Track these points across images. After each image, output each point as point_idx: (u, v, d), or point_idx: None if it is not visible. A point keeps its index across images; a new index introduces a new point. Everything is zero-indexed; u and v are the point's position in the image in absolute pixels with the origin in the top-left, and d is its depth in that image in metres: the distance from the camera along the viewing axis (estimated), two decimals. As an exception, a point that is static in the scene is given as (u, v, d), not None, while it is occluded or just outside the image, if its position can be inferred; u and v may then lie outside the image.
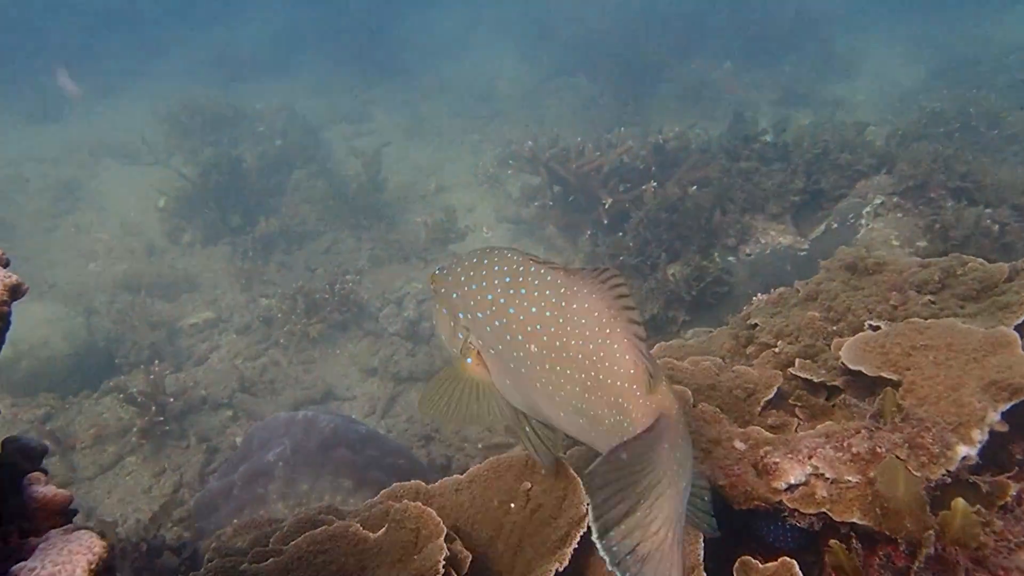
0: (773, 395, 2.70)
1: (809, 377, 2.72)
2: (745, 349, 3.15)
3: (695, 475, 1.75)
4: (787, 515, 2.22)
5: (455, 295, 2.00)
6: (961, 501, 1.92)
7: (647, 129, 9.26)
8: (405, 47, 18.23)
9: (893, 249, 5.56)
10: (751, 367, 2.95)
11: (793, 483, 2.21)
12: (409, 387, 6.18)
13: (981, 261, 3.02)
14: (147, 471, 5.50)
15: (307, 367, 6.63)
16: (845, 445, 2.22)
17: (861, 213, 5.99)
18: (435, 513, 2.32)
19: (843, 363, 2.60)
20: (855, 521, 2.08)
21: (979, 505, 1.99)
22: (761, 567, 2.13)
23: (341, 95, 15.34)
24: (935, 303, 2.91)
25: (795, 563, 2.03)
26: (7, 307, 1.51)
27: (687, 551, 2.16)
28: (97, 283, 8.57)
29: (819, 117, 10.49)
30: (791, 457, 2.25)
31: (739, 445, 2.43)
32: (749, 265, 6.14)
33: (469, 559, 2.27)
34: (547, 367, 1.80)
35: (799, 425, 2.66)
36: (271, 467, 4.27)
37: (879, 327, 2.74)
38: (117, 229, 9.98)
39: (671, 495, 1.53)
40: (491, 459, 2.64)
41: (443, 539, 2.26)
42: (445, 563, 2.16)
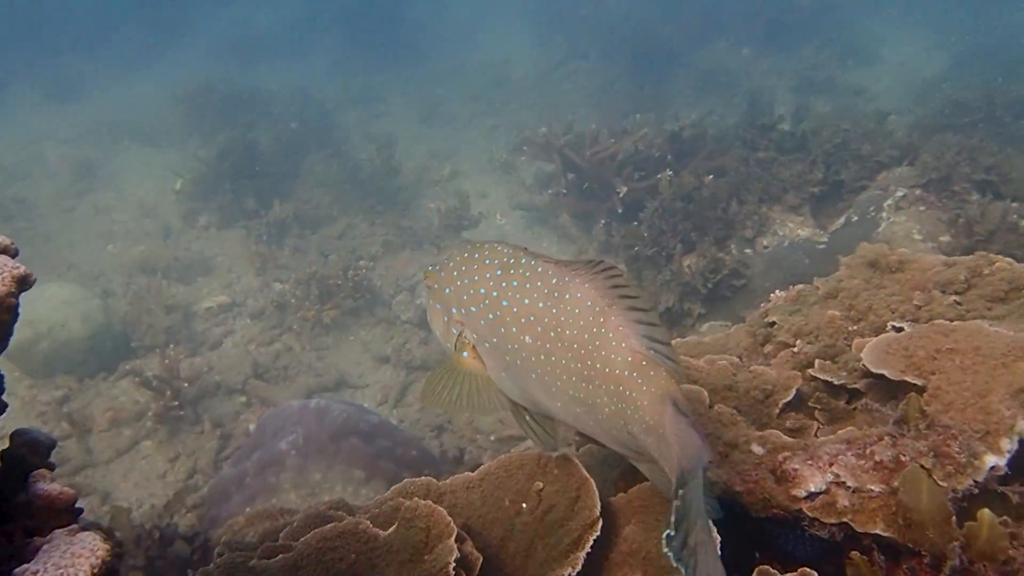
0: (792, 397, 2.64)
1: (829, 379, 2.66)
2: (762, 348, 3.09)
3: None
4: (807, 524, 2.17)
5: (448, 290, 2.00)
6: (988, 512, 1.87)
7: (662, 116, 9.14)
8: (420, 29, 18.14)
9: (915, 244, 5.46)
10: (769, 367, 2.89)
11: (813, 491, 2.16)
12: (422, 376, 6.16)
13: (1009, 260, 2.94)
14: (162, 456, 5.52)
15: (320, 354, 6.62)
16: (867, 452, 2.17)
17: (882, 206, 5.88)
18: (446, 512, 2.28)
19: (865, 366, 2.54)
20: (878, 532, 2.03)
21: (1007, 517, 1.93)
22: (779, 578, 2.08)
23: (356, 78, 15.26)
24: (961, 304, 2.84)
25: (815, 574, 1.98)
26: (15, 299, 1.48)
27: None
28: (114, 265, 8.60)
29: (839, 105, 10.34)
30: (811, 464, 2.20)
31: (757, 449, 2.38)
32: (766, 258, 6.06)
33: (480, 561, 2.23)
34: (542, 358, 1.80)
35: (818, 429, 2.60)
36: (283, 456, 4.26)
37: (902, 328, 2.68)
38: (134, 210, 10.01)
39: (695, 484, 1.52)
40: (502, 457, 2.60)
41: (454, 539, 2.23)
42: (456, 565, 2.13)
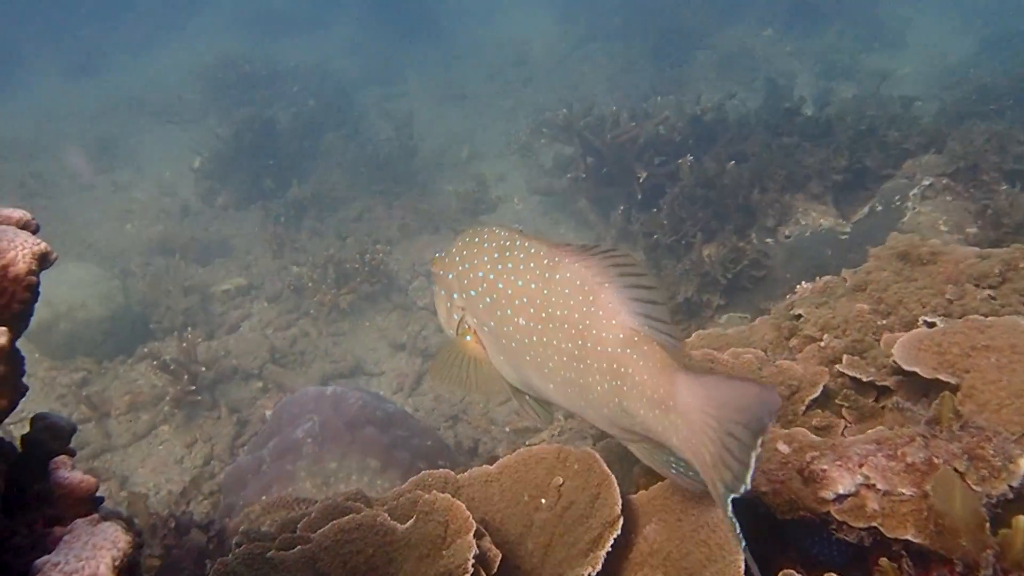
0: (819, 394, 2.58)
1: (858, 376, 2.60)
2: (788, 341, 3.03)
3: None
4: (834, 528, 2.11)
5: (451, 276, 2.01)
6: (1024, 520, 1.81)
7: (683, 98, 9.02)
8: (439, 6, 17.91)
9: (941, 235, 5.35)
10: (794, 361, 2.83)
11: (842, 493, 2.10)
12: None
13: (1046, 254, 2.86)
14: (179, 441, 5.54)
15: (336, 339, 6.61)
16: (899, 454, 2.11)
17: (908, 195, 5.77)
18: (464, 507, 2.25)
19: (895, 362, 2.47)
20: (908, 538, 1.97)
21: (1043, 525, 1.87)
22: (805, 583, 2.04)
23: (374, 55, 15.13)
24: (995, 299, 2.76)
25: (841, 580, 1.93)
26: (36, 277, 1.45)
27: (727, 564, 2.08)
28: (133, 245, 8.62)
29: (863, 90, 10.15)
30: (840, 465, 2.14)
31: (783, 448, 2.32)
32: (788, 248, 5.97)
33: (499, 559, 2.20)
34: (535, 339, 1.80)
35: (846, 427, 2.54)
36: (299, 444, 4.25)
37: (935, 324, 2.61)
38: (153, 189, 10.03)
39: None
40: (521, 450, 2.56)
41: (472, 535, 2.19)
42: (474, 562, 2.10)
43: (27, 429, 1.67)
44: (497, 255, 1.84)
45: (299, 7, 19.50)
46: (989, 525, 1.87)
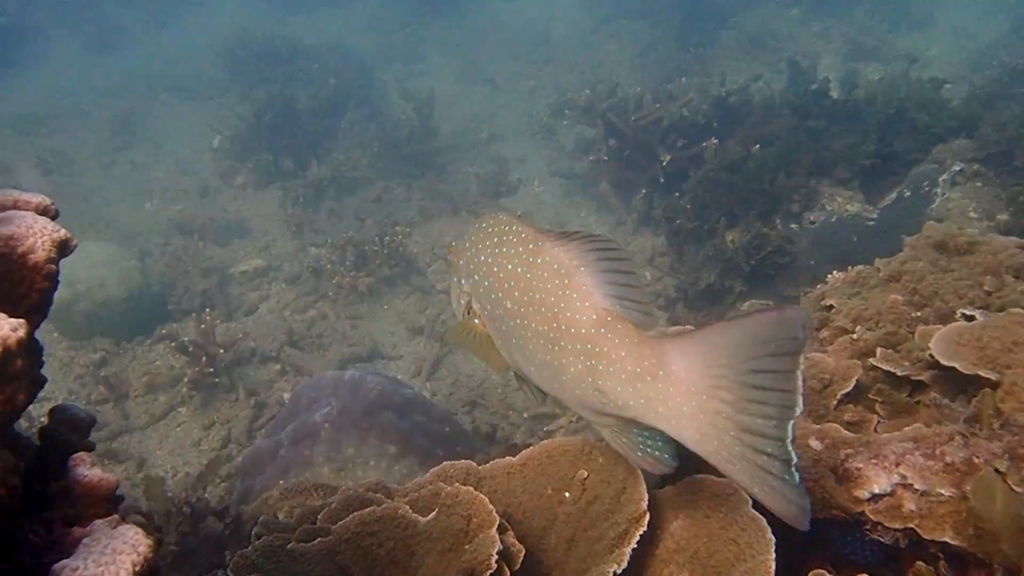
0: (851, 388, 2.51)
1: (892, 370, 2.52)
2: (818, 333, 2.95)
3: None
4: (868, 528, 2.05)
5: (462, 263, 2.05)
6: (1069, 525, 1.74)
7: (708, 80, 8.86)
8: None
9: (970, 222, 5.23)
10: (825, 353, 2.76)
11: (877, 492, 2.03)
12: (455, 348, 6.08)
13: (1089, 245, 2.76)
14: (197, 423, 5.53)
15: (354, 322, 6.57)
16: (937, 453, 2.03)
17: (937, 181, 5.64)
18: (488, 501, 2.20)
19: (932, 357, 2.39)
20: (946, 540, 1.90)
21: (1089, 530, 1.79)
22: (838, 583, 1.98)
23: (395, 32, 14.96)
24: (1035, 292, 2.67)
25: (875, 582, 1.87)
26: (55, 265, 1.40)
27: (757, 564, 2.03)
28: (152, 224, 8.60)
29: (890, 72, 9.93)
30: (876, 463, 2.07)
31: (815, 444, 2.26)
32: (812, 234, 5.86)
33: (522, 554, 2.15)
34: (518, 322, 1.83)
35: (879, 423, 2.47)
36: (317, 428, 4.22)
37: (973, 317, 2.52)
38: (172, 167, 10.00)
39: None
40: (545, 442, 2.51)
41: (495, 529, 2.15)
42: (497, 557, 2.05)
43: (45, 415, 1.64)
44: (496, 240, 1.88)
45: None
46: (1033, 530, 1.81)
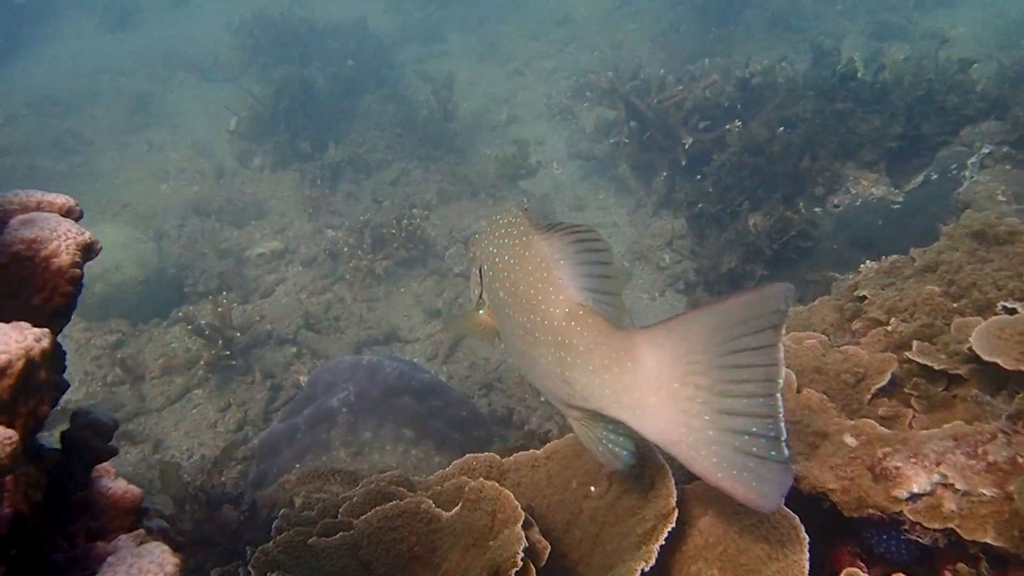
0: (886, 382, 2.43)
1: (929, 363, 2.44)
2: (850, 324, 2.87)
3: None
4: (906, 528, 1.98)
5: (479, 254, 2.08)
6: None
7: (731, 61, 8.69)
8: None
9: (999, 206, 5.10)
10: (858, 345, 2.68)
11: (917, 492, 1.96)
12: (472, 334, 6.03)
13: None
14: (212, 405, 5.52)
15: (371, 305, 6.53)
16: (980, 452, 1.96)
17: (965, 164, 5.51)
18: (513, 497, 2.15)
19: (972, 351, 2.31)
20: (987, 541, 1.83)
21: None
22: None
23: (414, 13, 14.78)
24: (1078, 284, 2.57)
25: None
26: (79, 269, 1.36)
27: (790, 564, 1.97)
28: (168, 205, 8.57)
29: (915, 52, 9.72)
30: (915, 462, 2.00)
31: (849, 441, 2.19)
32: (836, 218, 5.75)
33: (548, 551, 2.10)
34: (507, 312, 1.86)
35: (914, 418, 2.40)
36: (335, 412, 4.19)
37: (1015, 310, 2.43)
38: (188, 149, 9.94)
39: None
40: (570, 435, 2.45)
41: (521, 526, 2.10)
42: (523, 555, 2.00)
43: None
44: (501, 231, 1.89)
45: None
46: (1082, 534, 1.74)
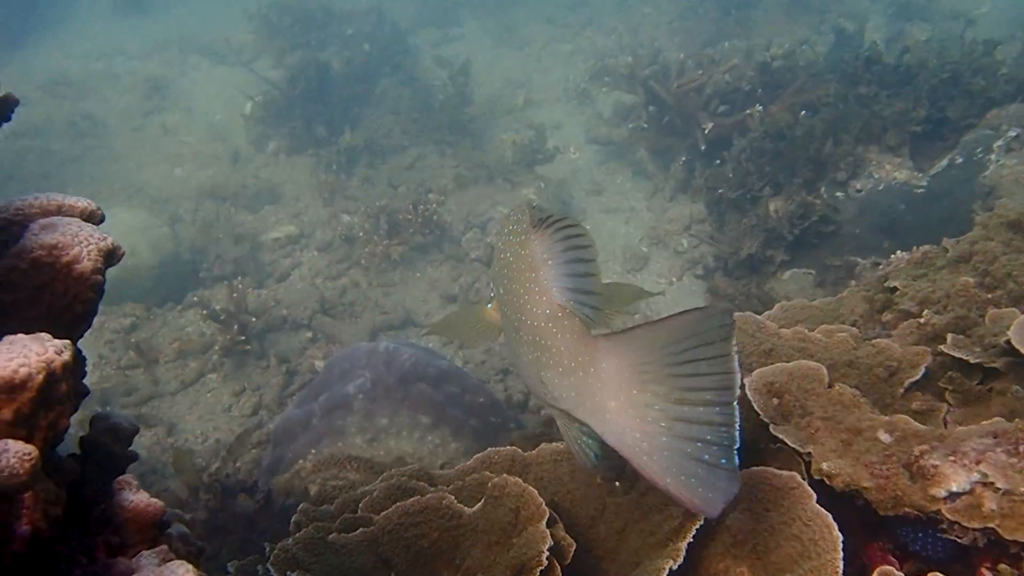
0: (920, 376, 2.37)
1: (963, 357, 2.37)
2: (880, 315, 2.80)
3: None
4: (944, 527, 1.92)
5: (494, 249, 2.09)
6: None
7: (749, 43, 8.55)
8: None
9: (1024, 190, 5.01)
10: (889, 338, 2.61)
11: (955, 491, 1.90)
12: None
13: None
14: (227, 390, 5.50)
15: (387, 290, 6.48)
16: (1021, 450, 1.90)
17: (991, 147, 5.39)
18: (537, 494, 2.10)
19: (1009, 344, 2.24)
20: (1030, 543, 1.78)
21: None
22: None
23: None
24: (1120, 276, 2.49)
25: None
26: (101, 276, 1.31)
27: (824, 563, 1.92)
28: (182, 189, 8.53)
29: (937, 32, 9.52)
30: (954, 460, 1.94)
31: (884, 437, 2.13)
32: (858, 202, 5.64)
33: (573, 549, 2.06)
34: (504, 310, 1.88)
35: (948, 412, 2.33)
36: (351, 399, 4.16)
37: (1054, 303, 2.36)
38: (203, 133, 9.88)
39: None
40: (593, 428, 2.40)
41: (545, 523, 2.05)
42: (548, 554, 1.96)
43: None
44: (508, 229, 1.90)
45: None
46: None
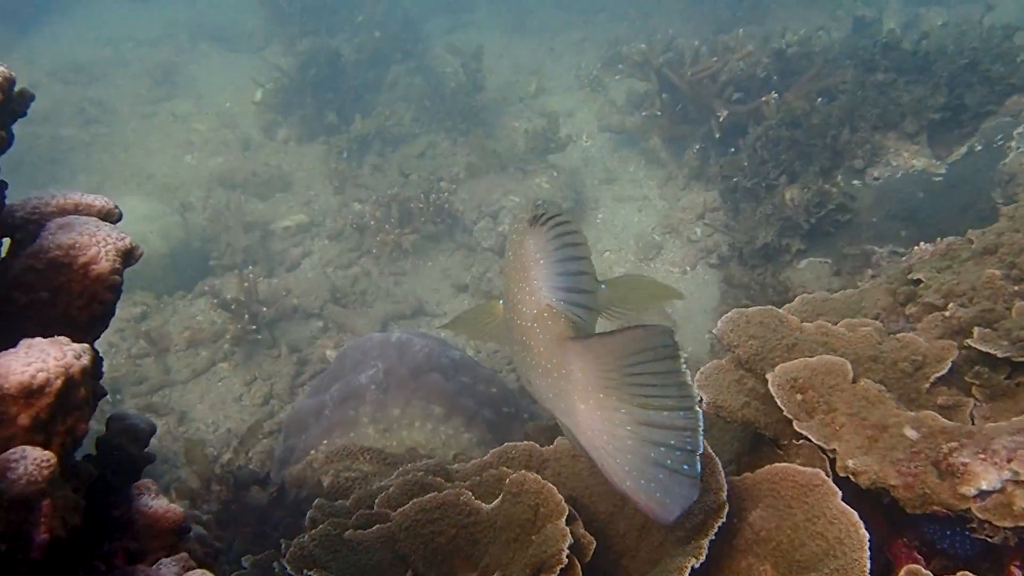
0: (946, 371, 2.32)
1: (990, 351, 2.32)
2: (904, 308, 2.74)
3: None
4: (974, 526, 1.88)
5: None
6: None
7: (765, 30, 8.42)
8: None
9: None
10: (913, 331, 2.56)
11: (986, 489, 1.86)
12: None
13: None
14: (238, 379, 5.48)
15: (398, 279, 6.44)
16: (1054, 449, 1.85)
17: (1011, 134, 5.31)
18: (556, 491, 2.07)
19: (1039, 339, 2.19)
20: (1065, 544, 1.73)
21: None
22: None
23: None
24: None
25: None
26: (119, 276, 1.28)
27: (850, 562, 1.88)
28: (193, 177, 8.49)
29: (953, 17, 9.38)
30: (984, 458, 1.89)
31: (910, 433, 2.08)
32: (875, 190, 5.58)
33: (593, 546, 2.03)
34: (504, 308, 1.88)
35: (975, 407, 2.29)
36: (363, 390, 4.14)
37: (1084, 297, 2.31)
38: (213, 120, 9.83)
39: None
40: (612, 422, 2.36)
41: (564, 520, 2.02)
42: (568, 552, 1.92)
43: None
44: (516, 225, 1.89)
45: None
46: None
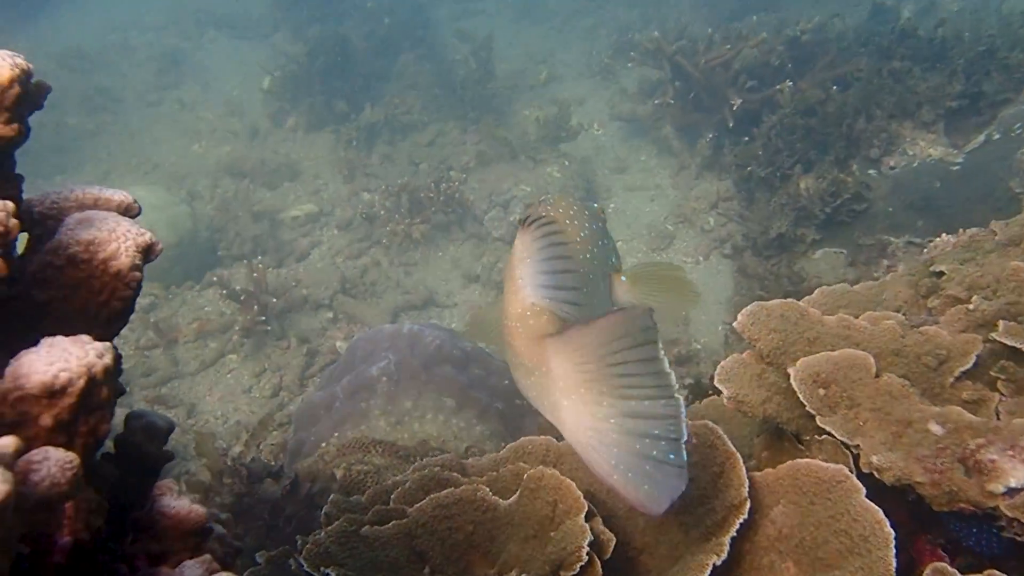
0: (971, 365, 2.27)
1: (1016, 345, 2.27)
2: (927, 301, 2.70)
3: None
4: (1002, 524, 1.85)
5: None
6: None
7: (779, 17, 8.34)
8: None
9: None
10: (936, 324, 2.51)
11: (1014, 487, 1.82)
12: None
13: None
14: (247, 370, 5.47)
15: (408, 269, 6.41)
16: (1084, 446, 1.81)
17: (1030, 123, 5.26)
18: (575, 487, 2.04)
19: (1067, 333, 2.15)
20: (1097, 544, 1.69)
21: None
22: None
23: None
24: None
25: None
26: (140, 272, 1.25)
27: (875, 560, 1.85)
28: (200, 166, 8.46)
29: (969, 3, 9.25)
30: (1012, 455, 1.85)
31: (935, 429, 2.04)
32: (892, 180, 5.52)
33: (612, 543, 2.00)
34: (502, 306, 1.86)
35: (1000, 402, 2.24)
36: (374, 382, 4.12)
37: (1113, 289, 2.25)
38: (220, 108, 9.79)
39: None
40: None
41: (583, 516, 1.99)
42: (588, 549, 1.89)
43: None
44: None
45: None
46: None
